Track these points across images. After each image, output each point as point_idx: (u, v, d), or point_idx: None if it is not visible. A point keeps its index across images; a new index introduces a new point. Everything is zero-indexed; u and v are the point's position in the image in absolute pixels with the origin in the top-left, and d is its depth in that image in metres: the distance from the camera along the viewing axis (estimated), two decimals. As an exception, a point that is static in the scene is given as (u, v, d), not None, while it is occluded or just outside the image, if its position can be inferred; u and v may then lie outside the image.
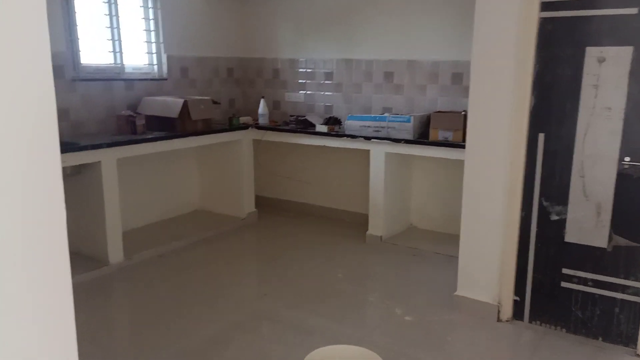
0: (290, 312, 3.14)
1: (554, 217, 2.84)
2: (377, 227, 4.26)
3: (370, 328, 2.96)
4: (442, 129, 3.91)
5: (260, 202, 5.43)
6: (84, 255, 3.79)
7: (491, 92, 2.88)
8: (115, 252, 3.71)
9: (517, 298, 3.00)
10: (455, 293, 3.16)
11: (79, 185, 3.73)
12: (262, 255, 4.17)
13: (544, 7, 2.72)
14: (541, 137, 2.82)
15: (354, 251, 4.15)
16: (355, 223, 4.74)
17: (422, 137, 4.07)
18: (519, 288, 2.99)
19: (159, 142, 3.96)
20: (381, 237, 4.25)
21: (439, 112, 4.09)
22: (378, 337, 2.86)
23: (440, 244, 4.13)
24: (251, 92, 5.40)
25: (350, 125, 4.26)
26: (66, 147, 3.46)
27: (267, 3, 5.16)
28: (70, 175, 3.60)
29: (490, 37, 2.85)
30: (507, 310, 3.02)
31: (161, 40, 4.63)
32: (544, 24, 2.74)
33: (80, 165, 3.54)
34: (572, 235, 2.80)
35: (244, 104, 5.46)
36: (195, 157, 5.00)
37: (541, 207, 2.87)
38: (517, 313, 3.01)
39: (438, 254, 3.97)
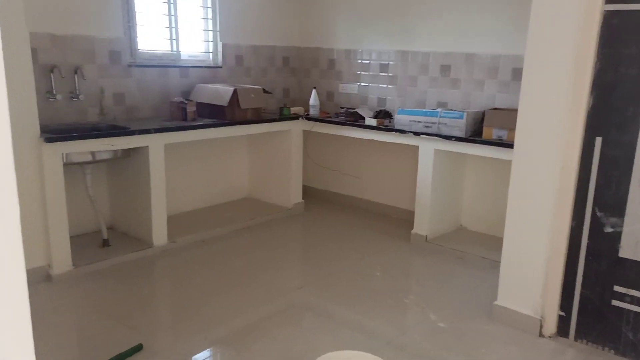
0: (323, 305, 3.09)
1: (608, 230, 2.61)
2: (422, 226, 4.11)
3: (401, 331, 2.85)
4: (496, 128, 3.70)
5: (309, 192, 5.41)
6: (131, 236, 3.92)
7: (545, 89, 2.67)
8: (159, 235, 3.80)
9: (563, 313, 2.79)
10: (495, 302, 2.98)
11: (128, 168, 3.85)
12: (303, 247, 4.14)
13: (610, -1, 2.48)
14: (598, 141, 2.59)
15: (396, 250, 4.03)
16: (402, 220, 4.61)
17: (475, 135, 3.87)
18: (565, 303, 2.77)
19: (206, 130, 4.00)
20: (426, 237, 4.10)
21: (495, 109, 3.87)
22: (408, 341, 2.75)
23: (489, 248, 3.93)
24: (306, 82, 5.36)
25: (400, 119, 4.12)
26: (116, 130, 3.57)
27: (325, -8, 5.08)
28: (121, 157, 3.71)
29: (547, 30, 2.63)
30: (551, 326, 2.82)
31: (217, 28, 4.67)
32: (608, 17, 2.49)
33: (130, 148, 3.64)
34: (627, 250, 2.56)
35: (299, 93, 5.43)
36: (247, 145, 5.04)
37: (594, 218, 2.64)
38: (562, 329, 2.80)
39: (485, 259, 3.77)
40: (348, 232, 4.39)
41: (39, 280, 3.21)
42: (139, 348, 2.54)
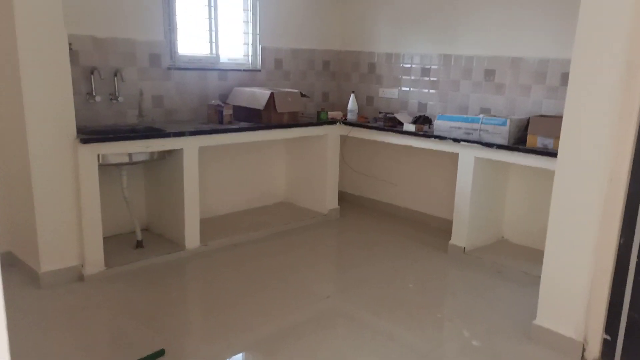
0: (352, 314, 3.01)
1: (661, 248, 2.39)
2: (460, 237, 3.95)
3: (430, 347, 2.72)
4: (541, 135, 3.50)
5: (347, 198, 5.33)
6: (165, 238, 3.94)
7: (592, 95, 2.49)
8: (191, 237, 3.80)
9: (608, 337, 2.58)
10: (534, 322, 2.80)
11: (163, 170, 3.88)
12: (335, 253, 4.05)
13: (667, -3, 2.28)
14: (651, 152, 2.38)
15: (432, 261, 3.89)
16: (440, 230, 4.45)
17: (518, 142, 3.68)
18: (611, 325, 2.57)
19: (241, 133, 3.98)
20: (464, 248, 3.93)
21: (541, 116, 3.66)
22: (437, 358, 2.61)
23: (531, 262, 3.72)
24: (346, 86, 5.28)
25: (439, 125, 3.97)
26: (151, 133, 3.60)
27: (367, -5, 4.99)
28: (157, 159, 3.73)
29: (596, 31, 2.45)
30: (594, 350, 2.62)
31: (257, 31, 4.66)
32: (664, 17, 2.29)
33: (165, 151, 3.65)
34: (681, 272, 2.34)
35: (338, 98, 5.36)
36: (285, 149, 5.00)
37: (645, 235, 2.43)
38: (607, 354, 2.60)
39: (526, 274, 3.57)
40: (383, 240, 4.27)
41: (72, 279, 3.26)
42: (160, 353, 2.52)
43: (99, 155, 3.31)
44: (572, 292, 2.65)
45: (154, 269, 3.53)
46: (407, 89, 4.78)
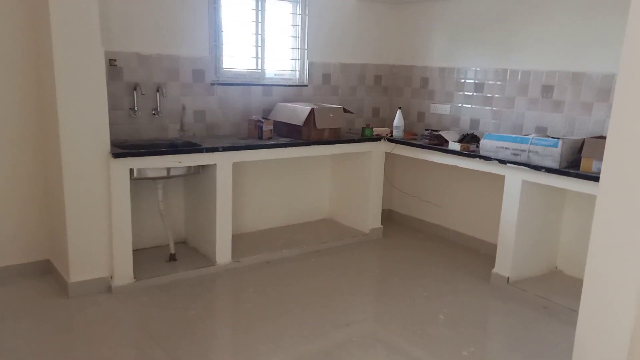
0: (366, 348, 2.83)
1: None
2: (504, 266, 3.63)
3: (448, 391, 2.49)
4: (597, 159, 3.14)
5: (394, 217, 5.14)
6: (200, 253, 3.96)
7: (639, 119, 2.17)
8: (223, 253, 3.79)
9: (653, 398, 2.22)
10: (568, 371, 2.48)
11: (197, 184, 3.91)
12: (369, 277, 3.87)
13: None
14: None
15: (470, 290, 3.60)
16: (486, 256, 4.15)
17: (572, 166, 3.33)
18: (657, 385, 2.21)
19: (278, 149, 3.93)
20: (508, 278, 3.61)
21: (599, 137, 3.30)
22: (451, 405, 2.39)
23: (584, 299, 3.33)
24: (398, 101, 5.09)
25: (485, 144, 3.69)
26: (184, 148, 3.64)
27: (420, 8, 4.79)
28: (194, 174, 3.77)
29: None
30: (635, 411, 2.26)
31: (305, 46, 4.61)
32: None
33: (200, 165, 3.68)
34: None
35: (389, 113, 5.18)
36: (330, 166, 4.90)
37: (698, 283, 2.07)
38: (651, 418, 2.23)
39: (574, 312, 3.20)
40: (422, 265, 4.03)
41: (100, 290, 3.35)
42: (161, 372, 2.49)
43: (133, 170, 3.39)
44: (610, 341, 2.31)
45: (183, 283, 3.55)
46: (460, 105, 4.51)
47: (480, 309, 3.41)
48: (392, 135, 4.49)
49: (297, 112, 4.14)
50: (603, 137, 3.30)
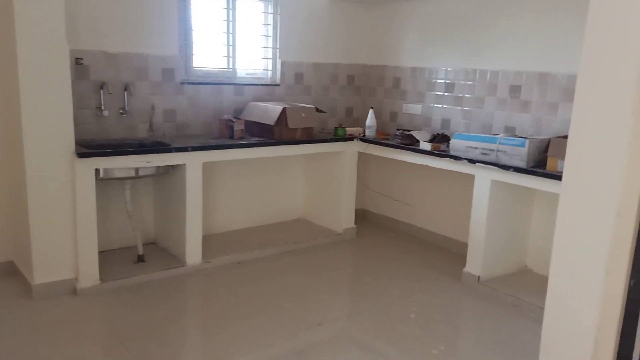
0: (341, 345, 2.82)
1: (675, 296, 2.07)
2: (475, 265, 3.67)
3: (417, 389, 2.49)
4: (562, 159, 3.19)
5: (368, 217, 5.15)
6: (169, 253, 3.90)
7: (599, 117, 2.20)
8: (193, 254, 3.74)
9: (616, 393, 2.26)
10: (535, 368, 2.51)
11: (167, 184, 3.85)
12: (341, 277, 3.86)
13: (684, 6, 1.98)
14: (665, 184, 2.07)
15: (442, 289, 3.63)
16: (458, 255, 4.17)
17: (539, 165, 3.37)
18: (619, 380, 2.25)
19: (249, 149, 3.90)
20: (479, 277, 3.64)
21: (564, 137, 3.35)
22: (420, 403, 2.39)
23: (552, 297, 3.38)
24: (371, 101, 5.10)
25: (455, 144, 3.72)
26: (153, 148, 3.58)
27: (390, 8, 4.81)
28: (163, 174, 3.72)
29: (604, 47, 2.17)
30: (600, 406, 2.30)
31: (277, 45, 4.58)
32: (680, 30, 1.99)
33: (169, 165, 3.63)
34: (698, 325, 2.01)
35: (362, 113, 5.18)
36: (304, 165, 4.88)
37: (658, 279, 2.11)
38: (614, 412, 2.27)
39: (543, 310, 3.24)
40: (394, 264, 4.04)
41: (65, 292, 3.27)
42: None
43: (99, 170, 3.32)
44: (576, 340, 2.34)
45: (151, 284, 3.49)
46: (431, 105, 4.54)
47: (451, 307, 3.43)
48: (364, 135, 4.50)
49: (269, 111, 4.11)
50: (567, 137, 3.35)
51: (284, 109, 4.04)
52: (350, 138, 4.43)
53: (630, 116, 2.11)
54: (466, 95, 4.26)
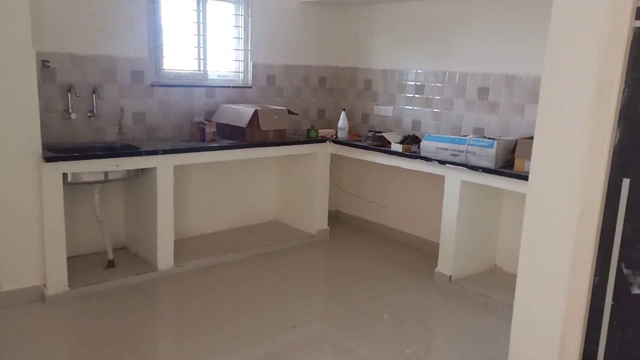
0: (315, 347, 2.83)
1: (636, 291, 2.14)
2: (446, 264, 3.72)
3: (390, 389, 2.52)
4: (529, 159, 3.25)
5: (341, 218, 5.17)
6: (140, 258, 3.85)
7: (561, 121, 2.26)
8: (165, 258, 3.70)
9: (582, 387, 2.33)
10: (504, 365, 2.56)
11: (138, 187, 3.80)
12: (315, 279, 3.87)
13: (641, 13, 2.05)
14: (625, 183, 2.14)
15: (414, 290, 3.67)
16: (430, 255, 4.22)
17: (507, 166, 3.45)
18: (585, 374, 2.31)
19: (220, 151, 3.88)
20: (450, 276, 3.70)
21: (530, 137, 3.42)
22: (393, 403, 2.42)
23: (520, 294, 3.45)
24: (343, 102, 5.12)
25: (426, 145, 3.77)
26: (123, 151, 3.53)
27: (360, 11, 4.85)
28: (133, 177, 3.66)
29: (566, 52, 2.23)
30: (567, 400, 2.36)
31: (249, 47, 4.57)
32: (639, 36, 2.06)
33: (140, 169, 3.58)
34: (658, 319, 2.08)
35: (334, 115, 5.20)
36: (277, 167, 4.87)
37: (620, 275, 2.18)
38: (580, 406, 2.34)
39: (512, 307, 3.31)
40: (368, 266, 4.07)
41: (32, 299, 3.20)
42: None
43: (67, 174, 3.26)
44: (544, 339, 2.40)
45: (122, 290, 3.44)
46: (402, 106, 4.59)
47: (423, 307, 3.47)
48: (337, 137, 4.52)
49: (241, 113, 4.10)
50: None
51: (256, 111, 4.03)
52: (322, 140, 4.45)
53: (590, 119, 2.18)
54: (436, 97, 4.32)
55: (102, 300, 3.28)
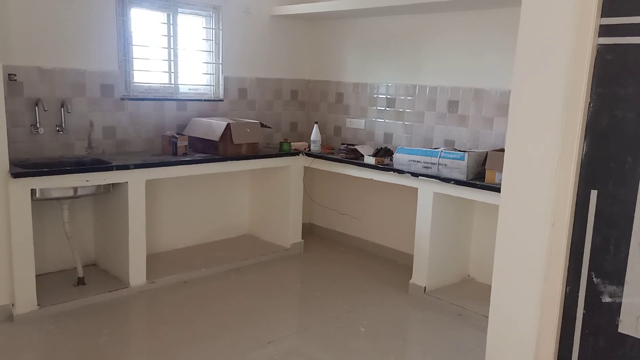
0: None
1: (606, 299, 2.20)
2: (421, 276, 3.76)
3: (368, 403, 2.52)
4: (499, 171, 3.34)
5: (316, 231, 5.17)
6: (111, 275, 3.77)
7: (531, 133, 2.32)
8: (136, 274, 3.63)
9: (555, 394, 2.37)
10: (480, 375, 2.60)
11: (108, 203, 3.74)
12: (289, 293, 3.84)
13: (604, 31, 2.13)
14: (593, 195, 2.21)
15: (390, 302, 3.69)
16: (405, 267, 4.26)
17: (478, 178, 3.52)
18: (559, 382, 2.36)
19: (193, 165, 3.84)
20: (425, 288, 3.73)
21: (500, 150, 3.51)
22: (372, 416, 2.42)
23: (493, 304, 3.51)
24: (315, 116, 5.15)
25: (398, 158, 3.82)
26: (93, 166, 3.46)
27: (330, 25, 4.90)
28: (104, 193, 3.59)
29: (533, 67, 2.30)
30: (542, 408, 2.41)
31: (220, 61, 4.56)
32: (602, 52, 2.14)
33: (110, 184, 3.52)
34: (627, 325, 2.15)
35: (306, 128, 5.22)
36: (250, 181, 4.85)
37: (590, 284, 2.24)
38: (555, 413, 2.38)
39: (486, 318, 3.36)
40: (343, 279, 4.08)
41: (0, 319, 3.09)
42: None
43: (35, 190, 3.18)
44: (519, 348, 2.45)
45: (93, 308, 3.35)
46: (374, 119, 4.65)
47: (399, 319, 3.50)
48: (309, 150, 4.53)
49: (213, 127, 4.08)
50: (503, 150, 3.51)
51: (229, 124, 4.02)
52: (295, 153, 4.46)
53: (559, 131, 2.25)
54: (407, 110, 4.39)
55: (72, 320, 3.19)
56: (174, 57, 4.32)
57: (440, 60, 4.13)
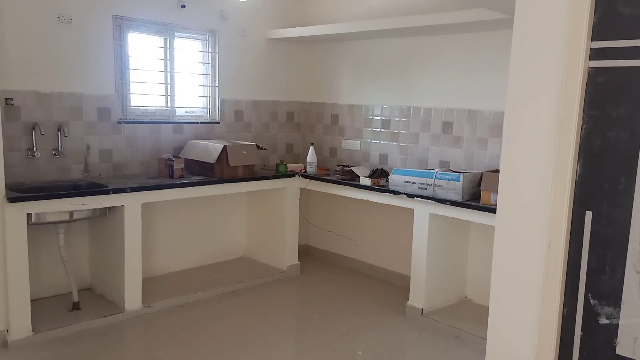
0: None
1: (604, 321, 2.20)
2: (418, 298, 3.75)
3: None
4: (494, 192, 3.36)
5: (311, 252, 5.16)
6: (106, 299, 3.75)
7: (526, 156, 2.35)
8: (132, 299, 3.60)
9: (555, 417, 2.35)
10: (479, 398, 2.58)
11: (104, 227, 3.72)
12: (286, 316, 3.82)
13: (595, 54, 2.17)
14: (588, 216, 2.22)
15: (387, 324, 3.67)
16: (402, 288, 4.24)
17: (473, 198, 3.53)
18: (558, 405, 2.35)
19: (189, 188, 3.85)
20: (422, 309, 3.72)
21: (494, 171, 3.53)
22: None
23: (491, 325, 3.50)
24: (310, 137, 5.18)
25: (394, 179, 3.84)
26: (89, 190, 3.46)
27: (325, 48, 4.96)
28: (100, 216, 3.59)
29: (526, 90, 2.34)
30: None
31: (216, 83, 4.60)
32: (594, 75, 2.18)
33: (106, 207, 3.52)
34: (624, 347, 2.14)
35: (302, 149, 5.25)
36: (246, 203, 4.85)
37: (587, 305, 2.24)
38: None
39: (484, 340, 3.34)
40: (339, 301, 4.06)
41: (-7, 346, 3.07)
42: None
43: (30, 214, 3.17)
44: (516, 366, 2.44)
45: (88, 333, 3.32)
46: (369, 140, 4.68)
47: (396, 341, 3.47)
48: (305, 171, 4.55)
49: (210, 149, 4.09)
50: (498, 171, 3.54)
51: (225, 147, 4.03)
52: (291, 174, 4.47)
53: (553, 152, 2.27)
54: (402, 131, 4.42)
55: (67, 345, 3.16)
56: (170, 81, 4.35)
57: (434, 82, 4.18)
